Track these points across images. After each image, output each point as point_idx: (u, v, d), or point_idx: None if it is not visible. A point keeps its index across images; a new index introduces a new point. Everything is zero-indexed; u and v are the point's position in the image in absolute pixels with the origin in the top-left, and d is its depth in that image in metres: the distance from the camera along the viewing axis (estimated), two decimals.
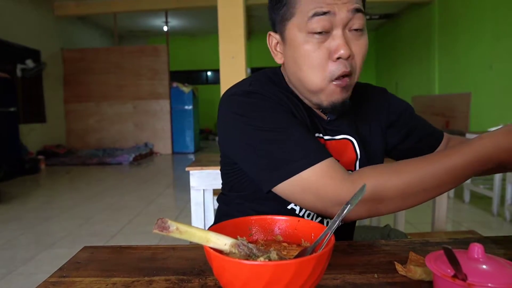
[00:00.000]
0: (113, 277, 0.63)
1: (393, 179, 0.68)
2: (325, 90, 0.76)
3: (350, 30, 0.73)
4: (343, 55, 0.71)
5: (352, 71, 0.74)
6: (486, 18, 6.01)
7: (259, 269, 0.45)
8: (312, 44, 0.73)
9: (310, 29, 0.72)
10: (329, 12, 0.70)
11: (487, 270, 0.47)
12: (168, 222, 0.49)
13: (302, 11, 0.73)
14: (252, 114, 0.75)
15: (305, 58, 0.74)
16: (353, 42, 0.73)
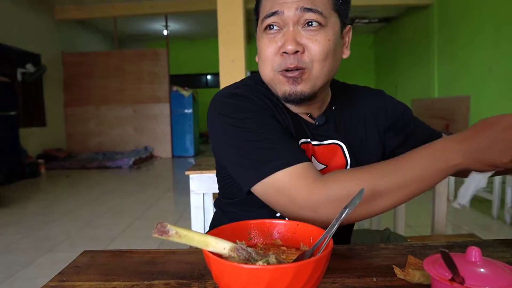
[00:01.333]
0: (113, 281, 0.63)
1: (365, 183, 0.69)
2: (274, 80, 0.79)
3: (303, 26, 0.76)
4: (288, 50, 0.74)
5: (305, 66, 0.75)
6: (485, 21, 6.03)
7: (258, 273, 0.46)
8: (265, 39, 0.79)
9: (264, 26, 0.78)
10: (278, 12, 0.75)
11: (485, 274, 0.47)
12: (168, 226, 0.49)
13: (261, 12, 0.80)
14: (235, 115, 0.77)
15: (260, 52, 0.80)
16: (307, 38, 0.75)
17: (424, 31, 8.12)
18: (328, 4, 0.77)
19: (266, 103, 0.82)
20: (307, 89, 0.77)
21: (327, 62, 0.77)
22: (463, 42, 6.69)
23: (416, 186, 0.69)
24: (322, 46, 0.76)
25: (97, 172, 6.81)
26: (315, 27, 0.75)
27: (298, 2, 0.74)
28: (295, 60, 0.75)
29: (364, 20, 10.07)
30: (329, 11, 0.77)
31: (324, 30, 0.76)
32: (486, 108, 6.07)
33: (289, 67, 0.75)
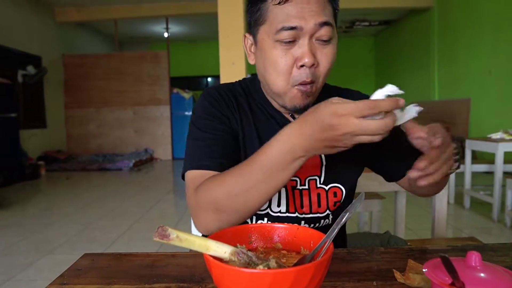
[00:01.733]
0: (114, 284, 0.63)
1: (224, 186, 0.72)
2: (288, 94, 0.80)
3: (317, 39, 0.77)
4: (307, 63, 0.75)
5: (315, 79, 0.78)
6: (485, 24, 6.04)
7: (259, 277, 0.46)
8: (279, 50, 0.77)
9: (278, 38, 0.76)
10: (297, 27, 0.75)
11: (485, 278, 0.47)
12: (169, 230, 0.49)
13: (272, 21, 0.77)
14: (199, 114, 0.87)
15: (272, 62, 0.79)
16: (319, 51, 0.77)
17: (425, 34, 8.14)
18: (332, 14, 0.79)
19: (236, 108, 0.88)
20: (313, 101, 0.81)
21: (327, 75, 0.81)
22: (463, 45, 6.70)
23: (269, 183, 0.68)
24: (330, 60, 0.79)
25: (97, 174, 6.81)
26: (327, 41, 0.77)
27: (315, 16, 0.75)
28: (311, 74, 0.77)
29: (365, 23, 10.08)
30: (333, 22, 0.79)
31: (332, 43, 0.79)
32: (486, 111, 6.08)
33: (306, 80, 0.77)
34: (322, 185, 0.89)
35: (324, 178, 0.89)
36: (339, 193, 0.90)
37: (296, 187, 0.88)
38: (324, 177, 0.89)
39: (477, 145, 3.69)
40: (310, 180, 0.88)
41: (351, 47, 11.60)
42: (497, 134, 3.60)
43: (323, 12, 0.75)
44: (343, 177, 0.90)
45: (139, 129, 8.59)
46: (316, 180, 0.89)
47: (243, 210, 0.72)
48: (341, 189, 0.90)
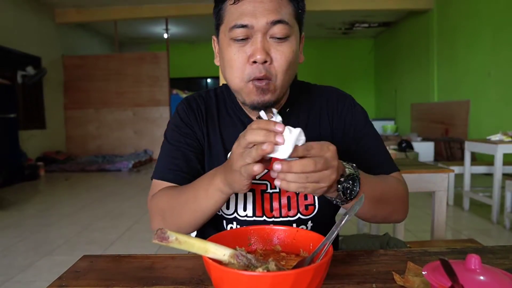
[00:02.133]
0: (112, 286, 0.63)
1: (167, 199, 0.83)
2: (244, 89, 0.81)
3: (271, 37, 0.78)
4: (258, 59, 0.76)
5: (271, 76, 0.78)
6: (485, 25, 6.06)
7: (258, 280, 0.46)
8: (233, 48, 0.79)
9: (232, 36, 0.79)
10: (248, 26, 0.76)
11: (484, 281, 0.47)
12: (168, 233, 0.49)
13: (227, 21, 0.80)
14: (169, 124, 0.95)
15: (228, 60, 0.81)
16: (274, 48, 0.78)
17: (424, 35, 8.15)
18: (292, 13, 0.80)
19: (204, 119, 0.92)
20: (273, 99, 0.81)
21: (289, 72, 0.81)
22: (463, 47, 6.71)
23: (196, 206, 0.77)
24: (286, 57, 0.79)
25: (96, 175, 6.80)
26: (281, 39, 0.78)
27: (268, 15, 0.76)
28: (264, 69, 0.77)
29: (364, 25, 10.10)
30: (293, 21, 0.80)
31: (289, 41, 0.79)
32: (485, 112, 6.09)
33: (258, 76, 0.78)
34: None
35: None
36: (310, 196, 0.88)
37: (266, 191, 0.88)
38: None
39: (476, 146, 3.69)
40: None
41: (350, 48, 11.62)
42: (496, 136, 3.60)
43: (276, 11, 0.76)
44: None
45: (139, 130, 8.59)
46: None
47: (181, 223, 0.81)
48: None
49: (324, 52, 11.33)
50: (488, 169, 3.88)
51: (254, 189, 0.88)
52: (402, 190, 0.89)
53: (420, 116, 8.38)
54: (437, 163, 4.46)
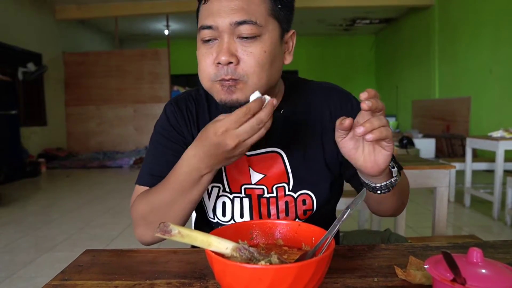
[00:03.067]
0: (115, 280, 0.63)
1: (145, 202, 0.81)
2: (212, 89, 0.79)
3: (239, 37, 0.74)
4: (222, 61, 0.73)
5: (239, 77, 0.74)
6: (486, 22, 6.04)
7: (260, 273, 0.46)
8: (202, 49, 0.78)
9: (201, 37, 0.77)
10: (212, 26, 0.74)
11: (486, 274, 0.47)
12: (170, 226, 0.49)
13: (199, 21, 0.78)
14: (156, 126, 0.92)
15: (199, 61, 0.79)
16: (242, 49, 0.74)
17: (425, 32, 8.13)
18: (265, 11, 0.74)
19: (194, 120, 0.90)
20: (243, 98, 0.76)
21: (264, 73, 0.76)
22: (464, 43, 6.69)
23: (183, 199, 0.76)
24: (257, 58, 0.74)
25: (97, 171, 6.81)
26: (249, 39, 0.74)
27: (232, 15, 0.72)
28: (229, 71, 0.74)
29: (365, 21, 10.07)
30: (265, 19, 0.74)
31: (259, 40, 0.74)
32: (487, 109, 6.08)
33: (224, 78, 0.75)
34: (291, 192, 0.85)
35: (292, 184, 0.85)
36: (309, 201, 0.85)
37: (263, 196, 0.85)
38: (292, 183, 0.85)
39: (477, 143, 3.69)
40: (278, 187, 0.86)
41: (351, 45, 11.60)
42: (497, 133, 3.60)
43: (243, 10, 0.72)
44: (312, 182, 0.86)
45: (139, 127, 8.59)
46: (285, 187, 0.85)
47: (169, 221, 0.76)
48: (311, 196, 0.85)
49: (325, 49, 11.31)
50: (489, 165, 3.88)
51: (250, 195, 0.85)
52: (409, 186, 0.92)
53: (421, 112, 8.37)
54: (438, 160, 4.45)
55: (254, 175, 0.86)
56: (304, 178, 0.86)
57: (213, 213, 0.88)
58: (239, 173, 0.86)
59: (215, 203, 0.87)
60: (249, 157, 0.85)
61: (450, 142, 5.38)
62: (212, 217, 0.89)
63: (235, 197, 0.86)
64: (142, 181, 0.88)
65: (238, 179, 0.86)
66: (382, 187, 0.73)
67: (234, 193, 0.86)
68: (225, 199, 0.87)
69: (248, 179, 0.86)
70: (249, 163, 0.86)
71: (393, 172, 0.73)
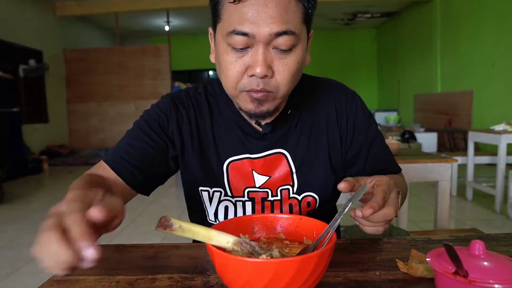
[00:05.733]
0: (117, 275, 0.63)
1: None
2: (238, 98, 0.75)
3: (275, 48, 0.69)
4: (257, 74, 0.68)
5: (271, 89, 0.71)
6: (488, 15, 6.00)
7: (262, 267, 0.46)
8: (231, 56, 0.70)
9: (230, 43, 0.69)
10: (248, 34, 0.66)
11: (488, 267, 0.47)
12: (171, 220, 0.49)
13: (225, 21, 0.70)
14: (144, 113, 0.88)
15: (224, 67, 0.72)
16: (277, 61, 0.69)
17: (427, 25, 8.08)
18: (300, 18, 0.69)
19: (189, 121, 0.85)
20: (272, 108, 0.75)
21: (294, 83, 0.74)
22: (466, 37, 6.65)
23: None
24: (291, 70, 0.71)
25: None
26: (287, 51, 0.69)
27: (271, 24, 0.65)
28: (263, 83, 0.69)
29: (367, 15, 10.02)
30: (300, 27, 0.70)
31: (294, 51, 0.70)
32: (489, 102, 6.05)
33: (255, 88, 0.70)
34: (295, 195, 0.85)
35: (297, 187, 0.84)
36: (313, 203, 0.85)
37: (267, 199, 0.84)
38: (297, 186, 0.84)
39: (479, 137, 3.67)
40: (282, 190, 0.85)
41: (353, 39, 11.54)
42: (500, 126, 3.58)
43: (282, 18, 0.66)
44: (316, 184, 0.85)
45: None
46: (289, 189, 0.85)
47: None
48: (314, 198, 0.85)
49: (326, 43, 11.26)
50: (492, 159, 3.87)
51: (254, 198, 0.84)
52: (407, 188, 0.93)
53: (423, 106, 8.35)
54: (440, 154, 4.44)
55: (258, 178, 0.84)
56: (309, 179, 0.85)
57: (215, 217, 0.87)
58: (242, 177, 0.84)
59: (217, 208, 0.86)
60: (252, 160, 0.84)
61: (452, 136, 5.37)
62: (214, 220, 0.88)
63: (237, 201, 0.85)
64: (109, 159, 0.80)
65: (241, 183, 0.84)
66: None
67: (236, 197, 0.85)
68: (228, 204, 0.85)
69: (252, 182, 0.84)
70: (252, 166, 0.84)
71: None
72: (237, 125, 0.84)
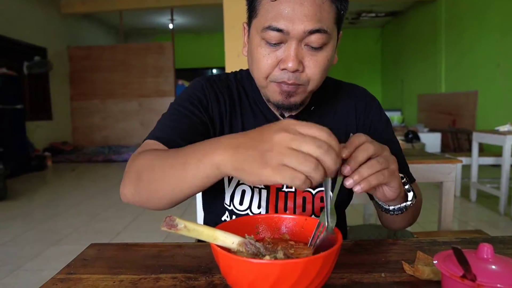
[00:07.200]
0: (120, 274, 0.63)
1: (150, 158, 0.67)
2: (268, 88, 0.78)
3: (306, 45, 0.72)
4: (289, 68, 0.72)
5: (301, 83, 0.75)
6: (493, 14, 5.96)
7: (267, 268, 0.45)
8: (264, 50, 0.74)
9: (264, 37, 0.73)
10: (283, 31, 0.70)
11: (497, 271, 0.46)
12: (176, 220, 0.49)
13: (261, 17, 0.73)
14: (178, 95, 0.86)
15: (256, 59, 0.76)
16: (308, 58, 0.73)
17: (432, 25, 8.04)
18: (333, 18, 0.73)
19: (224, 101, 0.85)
20: (300, 100, 0.78)
21: (321, 77, 0.77)
22: (471, 37, 6.62)
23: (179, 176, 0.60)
24: (321, 66, 0.74)
25: (102, 165, 6.84)
26: (318, 48, 0.73)
27: (306, 22, 0.69)
28: (294, 77, 0.74)
29: (371, 14, 9.98)
30: (332, 26, 0.73)
31: (325, 49, 0.74)
32: (494, 103, 6.02)
33: (286, 81, 0.74)
34: (310, 189, 0.86)
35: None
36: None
37: (282, 189, 0.85)
38: None
39: (484, 137, 3.66)
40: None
41: (357, 38, 11.50)
42: (504, 127, 3.57)
43: (316, 17, 0.69)
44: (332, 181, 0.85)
45: (144, 121, 8.61)
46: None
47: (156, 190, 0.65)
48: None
49: None
50: (496, 160, 3.85)
51: (269, 187, 0.85)
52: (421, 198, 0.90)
53: (427, 107, 8.31)
54: (444, 154, 4.43)
55: None
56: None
57: (230, 200, 0.87)
58: None
59: (234, 190, 0.86)
60: None
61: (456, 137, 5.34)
62: (228, 204, 0.87)
63: (255, 187, 0.85)
64: (156, 134, 0.77)
65: None
66: (395, 209, 0.72)
67: None
68: (246, 188, 0.85)
69: None
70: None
71: (408, 195, 0.72)
72: (262, 114, 0.88)
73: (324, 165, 0.49)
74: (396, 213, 0.72)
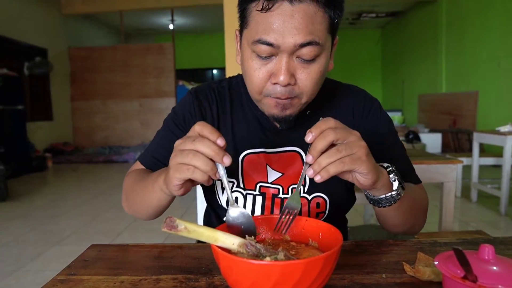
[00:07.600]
0: (121, 275, 0.63)
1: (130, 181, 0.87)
2: (262, 102, 0.77)
3: (298, 57, 0.70)
4: (280, 82, 0.70)
5: (294, 95, 0.73)
6: (494, 15, 5.96)
7: (267, 269, 0.45)
8: (255, 63, 0.73)
9: (255, 50, 0.71)
10: (274, 45, 0.68)
11: (498, 272, 0.46)
12: (177, 221, 0.49)
13: (251, 29, 0.71)
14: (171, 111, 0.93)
15: (248, 73, 0.74)
16: (300, 70, 0.71)
17: (432, 25, 8.04)
18: (325, 28, 0.71)
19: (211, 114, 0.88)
20: (295, 112, 0.77)
21: (315, 89, 0.76)
22: (472, 37, 6.61)
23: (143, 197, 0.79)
24: (314, 78, 0.72)
25: (103, 166, 6.85)
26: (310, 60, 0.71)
27: (296, 35, 0.67)
28: (287, 91, 0.72)
29: (371, 15, 9.98)
30: (325, 36, 0.71)
31: (318, 60, 0.72)
32: (494, 103, 6.01)
33: (279, 96, 0.73)
34: (305, 194, 0.85)
35: (308, 187, 0.85)
36: (323, 204, 0.85)
37: (278, 196, 0.85)
38: (308, 185, 0.85)
39: (484, 138, 3.65)
40: (293, 188, 0.85)
41: (357, 38, 11.51)
42: (505, 127, 3.56)
43: (307, 29, 0.67)
44: (328, 185, 0.83)
45: (145, 122, 8.61)
46: (300, 189, 0.85)
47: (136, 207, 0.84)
48: (324, 199, 0.85)
49: None
50: (497, 160, 3.84)
51: (265, 193, 0.85)
52: (427, 202, 0.88)
53: (427, 107, 8.31)
54: (445, 155, 4.42)
55: (271, 173, 0.85)
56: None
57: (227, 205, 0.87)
58: (255, 171, 0.85)
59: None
60: (268, 154, 0.85)
61: (456, 137, 5.33)
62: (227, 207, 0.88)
63: (248, 194, 0.85)
64: (142, 158, 0.93)
65: (254, 176, 0.85)
66: (381, 199, 0.70)
67: (248, 190, 0.86)
68: (238, 195, 0.86)
69: (265, 177, 0.85)
70: (267, 161, 0.85)
71: (393, 185, 0.69)
72: (256, 119, 0.87)
73: (202, 152, 0.58)
74: (384, 205, 0.70)
